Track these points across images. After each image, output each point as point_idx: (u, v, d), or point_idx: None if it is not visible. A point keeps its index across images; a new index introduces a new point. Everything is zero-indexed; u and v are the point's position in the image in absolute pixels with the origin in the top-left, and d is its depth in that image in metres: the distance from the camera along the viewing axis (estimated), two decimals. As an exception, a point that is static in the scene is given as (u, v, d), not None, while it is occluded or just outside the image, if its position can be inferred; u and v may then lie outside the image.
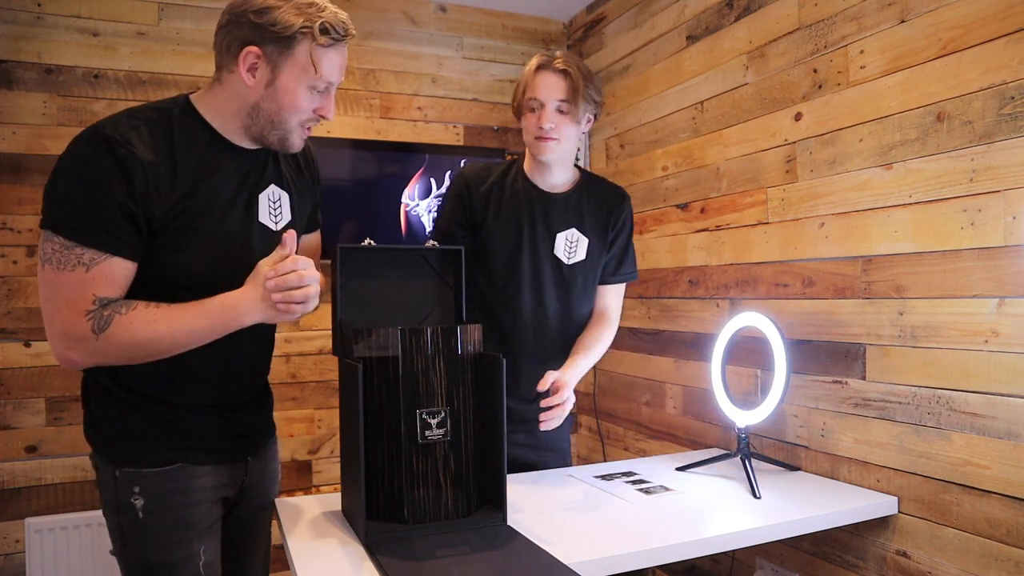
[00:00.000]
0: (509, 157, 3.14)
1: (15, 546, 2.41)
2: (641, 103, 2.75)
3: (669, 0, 2.57)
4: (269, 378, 1.57)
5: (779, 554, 2.08)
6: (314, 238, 1.59)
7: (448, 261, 1.52)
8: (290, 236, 1.23)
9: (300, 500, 1.60)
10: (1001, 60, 1.49)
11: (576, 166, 1.82)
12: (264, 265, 1.22)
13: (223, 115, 1.27)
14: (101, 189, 1.13)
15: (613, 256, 1.82)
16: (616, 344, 2.94)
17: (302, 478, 2.82)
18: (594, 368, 3.11)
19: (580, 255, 1.76)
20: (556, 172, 1.75)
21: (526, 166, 1.79)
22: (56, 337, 1.16)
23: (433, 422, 1.33)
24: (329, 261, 1.46)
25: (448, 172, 2.89)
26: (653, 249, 2.69)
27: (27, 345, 2.45)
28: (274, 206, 1.36)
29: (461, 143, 3.08)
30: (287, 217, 1.39)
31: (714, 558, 2.36)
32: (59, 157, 1.18)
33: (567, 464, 1.95)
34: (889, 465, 1.75)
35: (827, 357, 1.92)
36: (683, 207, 2.51)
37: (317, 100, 1.26)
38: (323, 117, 1.29)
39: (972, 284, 1.56)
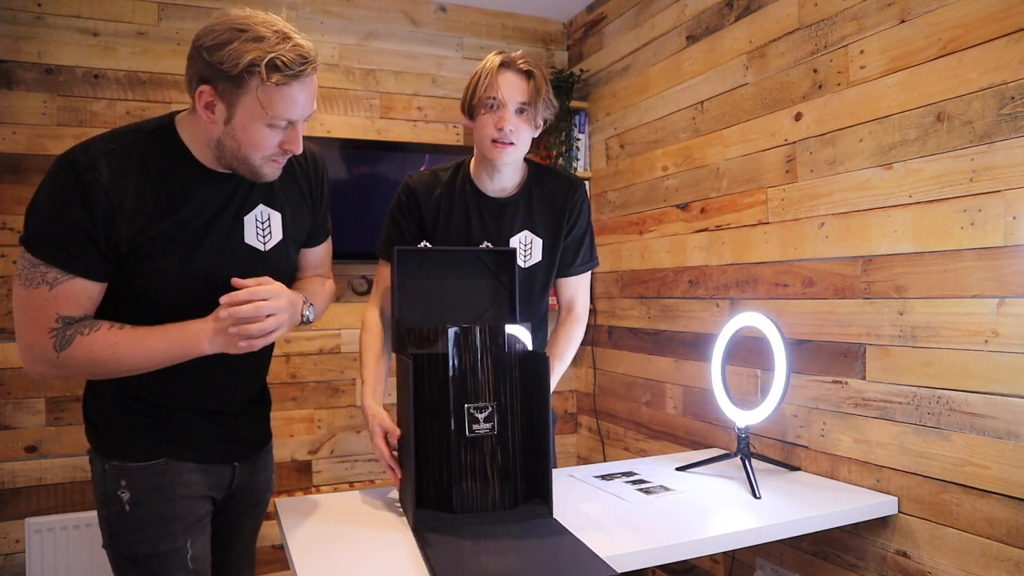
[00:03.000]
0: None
1: (15, 546, 2.41)
2: (641, 103, 2.75)
3: (669, 0, 2.57)
4: (269, 379, 1.57)
5: (779, 554, 2.08)
6: (321, 250, 1.56)
7: (503, 262, 1.57)
8: (240, 283, 1.23)
9: (300, 500, 1.60)
10: (1001, 60, 1.49)
11: (524, 159, 1.70)
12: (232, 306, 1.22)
13: (199, 143, 1.25)
14: (64, 212, 1.15)
15: (569, 248, 1.73)
16: (616, 344, 2.95)
17: (302, 478, 2.82)
18: (594, 368, 3.12)
19: (536, 256, 1.70)
20: (506, 175, 1.65)
21: (472, 169, 1.69)
22: (23, 350, 1.19)
23: (480, 416, 1.38)
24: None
25: (448, 172, 2.89)
26: (653, 249, 2.69)
27: (27, 345, 2.45)
28: (262, 227, 1.34)
29: (461, 143, 3.08)
30: (277, 237, 1.37)
31: (714, 558, 2.36)
32: (45, 174, 1.20)
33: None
34: (889, 465, 1.75)
35: (827, 357, 1.92)
36: (683, 207, 2.51)
37: (280, 135, 1.21)
38: (289, 151, 1.24)
39: (972, 284, 1.56)
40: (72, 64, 2.51)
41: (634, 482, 1.82)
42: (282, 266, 1.40)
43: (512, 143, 1.55)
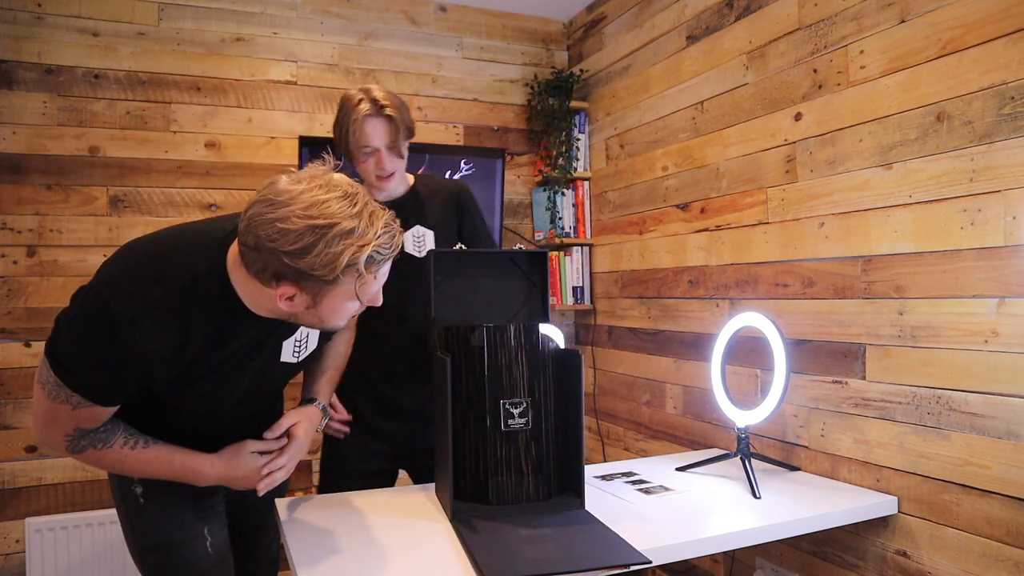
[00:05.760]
0: (511, 158, 3.15)
1: (15, 546, 2.41)
2: (641, 103, 2.75)
3: (669, 0, 2.57)
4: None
5: (779, 554, 2.08)
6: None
7: (536, 263, 1.63)
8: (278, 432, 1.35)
9: (300, 500, 1.60)
10: (1001, 60, 1.49)
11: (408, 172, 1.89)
12: (248, 458, 1.31)
13: (252, 301, 1.16)
14: (98, 361, 1.11)
15: (468, 239, 1.88)
16: (616, 344, 2.95)
17: (302, 478, 2.82)
18: (594, 368, 3.12)
19: (429, 245, 1.82)
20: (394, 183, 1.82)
21: (365, 181, 1.81)
22: (38, 431, 1.21)
23: (515, 411, 1.45)
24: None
25: (448, 172, 2.89)
26: (653, 249, 2.69)
27: (27, 345, 2.45)
28: (299, 344, 1.32)
29: (461, 143, 3.08)
30: (312, 347, 1.36)
31: (714, 558, 2.36)
32: (83, 294, 1.13)
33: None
34: (889, 465, 1.75)
35: (827, 357, 1.92)
36: (683, 207, 2.51)
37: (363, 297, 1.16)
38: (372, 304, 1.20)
39: (972, 284, 1.56)
40: (72, 64, 2.51)
41: (634, 482, 1.82)
42: (307, 365, 1.45)
43: (393, 173, 1.75)
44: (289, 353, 1.32)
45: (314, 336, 1.35)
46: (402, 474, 1.93)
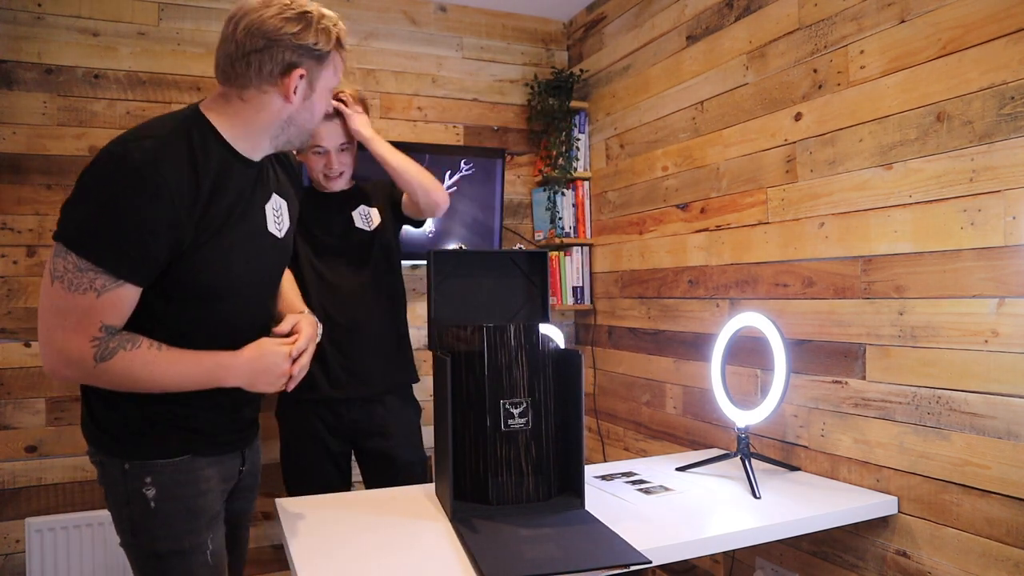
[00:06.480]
0: (511, 158, 3.15)
1: (15, 546, 2.41)
2: (641, 103, 2.75)
3: (669, 0, 2.57)
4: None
5: (779, 554, 2.08)
6: None
7: (536, 263, 1.64)
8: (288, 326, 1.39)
9: (300, 500, 1.60)
10: (1001, 60, 1.49)
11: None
12: (274, 346, 1.33)
13: (243, 130, 1.29)
14: (130, 214, 1.12)
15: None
16: (616, 344, 2.95)
17: (302, 478, 2.82)
18: (594, 368, 3.12)
19: (376, 220, 2.14)
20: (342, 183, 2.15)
21: (314, 183, 2.15)
22: (52, 352, 1.16)
23: (515, 411, 1.45)
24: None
25: (448, 172, 2.89)
26: (653, 249, 2.69)
27: (27, 345, 2.45)
28: (277, 215, 1.40)
29: (461, 143, 3.08)
30: (287, 224, 1.44)
31: (714, 558, 2.36)
32: (85, 171, 1.15)
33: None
34: (889, 465, 1.75)
35: (827, 357, 1.92)
36: (683, 207, 2.51)
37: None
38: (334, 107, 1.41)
39: (972, 284, 1.56)
40: (72, 64, 2.51)
41: (634, 482, 1.82)
42: (290, 251, 1.50)
43: (342, 173, 2.08)
44: (272, 222, 1.39)
45: (286, 211, 1.44)
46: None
